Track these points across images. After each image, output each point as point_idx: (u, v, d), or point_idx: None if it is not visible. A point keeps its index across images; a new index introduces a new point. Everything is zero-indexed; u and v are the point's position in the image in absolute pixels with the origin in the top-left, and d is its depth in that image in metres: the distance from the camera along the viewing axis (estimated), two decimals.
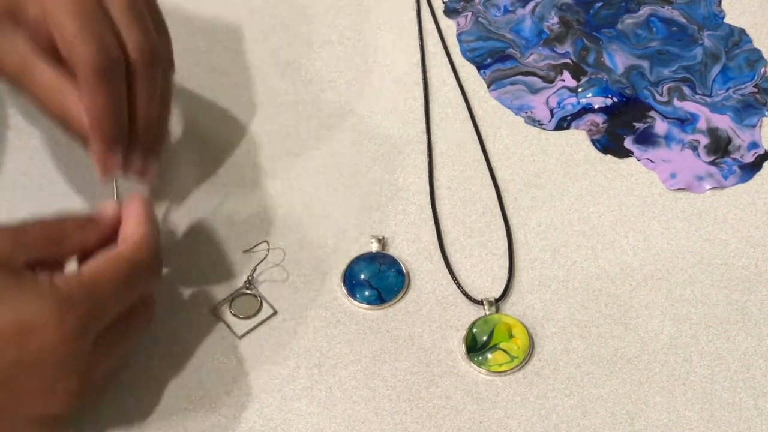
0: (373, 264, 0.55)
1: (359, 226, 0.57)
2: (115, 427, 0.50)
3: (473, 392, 0.51)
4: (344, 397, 0.51)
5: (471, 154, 0.61)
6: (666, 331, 0.53)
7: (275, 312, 0.54)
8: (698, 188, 0.59)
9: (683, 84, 0.63)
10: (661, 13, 0.67)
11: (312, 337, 0.53)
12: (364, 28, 0.67)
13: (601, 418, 0.50)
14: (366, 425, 0.50)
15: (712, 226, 0.57)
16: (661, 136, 0.61)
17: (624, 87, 0.63)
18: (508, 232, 0.57)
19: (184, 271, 0.55)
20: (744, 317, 0.54)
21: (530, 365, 0.52)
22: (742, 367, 0.52)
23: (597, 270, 0.55)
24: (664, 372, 0.52)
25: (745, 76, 0.64)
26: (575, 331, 0.53)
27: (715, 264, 0.56)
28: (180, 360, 0.52)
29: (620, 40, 0.66)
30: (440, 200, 0.58)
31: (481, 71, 0.65)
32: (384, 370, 0.52)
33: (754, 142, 0.61)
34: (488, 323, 0.53)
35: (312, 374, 0.52)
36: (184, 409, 0.50)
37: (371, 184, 0.59)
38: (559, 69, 0.64)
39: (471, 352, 0.52)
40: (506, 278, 0.55)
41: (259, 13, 0.68)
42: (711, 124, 0.62)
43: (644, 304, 0.54)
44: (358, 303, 0.54)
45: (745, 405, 0.51)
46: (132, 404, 0.51)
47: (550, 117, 0.62)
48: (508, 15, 0.67)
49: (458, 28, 0.67)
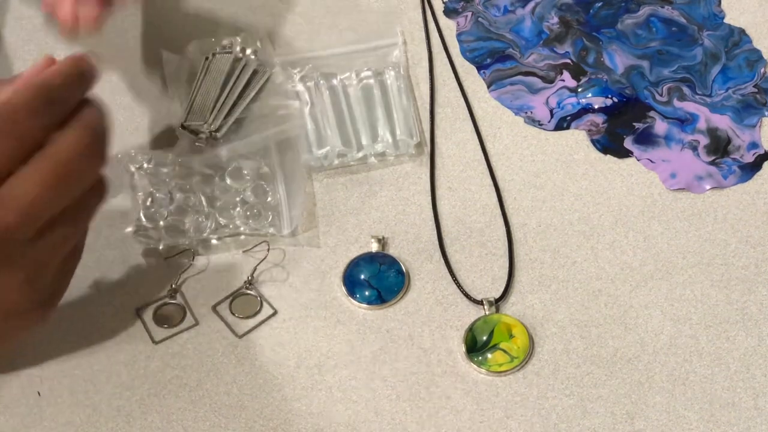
0: (373, 264, 0.55)
1: (359, 226, 0.57)
2: (114, 427, 0.50)
3: (473, 392, 0.51)
4: (344, 397, 0.51)
5: (471, 154, 0.61)
6: (666, 331, 0.53)
7: (275, 312, 0.54)
8: (698, 188, 0.59)
9: (683, 84, 0.63)
10: (661, 13, 0.67)
11: (312, 337, 0.53)
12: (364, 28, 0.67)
13: (601, 418, 0.50)
14: (366, 425, 0.50)
15: (712, 226, 0.57)
16: (661, 136, 0.61)
17: (624, 87, 0.63)
18: (508, 232, 0.57)
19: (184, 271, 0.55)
20: (744, 317, 0.54)
21: (530, 365, 0.52)
22: (742, 367, 0.52)
23: (597, 270, 0.55)
24: (664, 372, 0.52)
25: (745, 76, 0.64)
26: (575, 331, 0.53)
27: (715, 264, 0.56)
28: (179, 360, 0.52)
29: (620, 40, 0.66)
30: (440, 200, 0.58)
31: (481, 71, 0.65)
32: (384, 370, 0.52)
33: (753, 142, 0.61)
34: (488, 323, 0.53)
35: (312, 374, 0.52)
36: (184, 409, 0.50)
37: (371, 183, 0.59)
38: (559, 69, 0.64)
39: (471, 352, 0.52)
40: (506, 278, 0.55)
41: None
42: (711, 124, 0.62)
43: (644, 304, 0.54)
44: (358, 303, 0.54)
45: (745, 405, 0.51)
46: (132, 404, 0.51)
47: (549, 117, 0.62)
48: (508, 15, 0.67)
49: (458, 28, 0.67)
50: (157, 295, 0.54)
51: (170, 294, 0.54)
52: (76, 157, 0.43)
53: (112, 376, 0.51)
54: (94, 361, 0.52)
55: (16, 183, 0.42)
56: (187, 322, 0.53)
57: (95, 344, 0.52)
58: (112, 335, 0.53)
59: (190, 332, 0.53)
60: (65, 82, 0.44)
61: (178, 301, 0.54)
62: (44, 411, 0.50)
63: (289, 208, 0.57)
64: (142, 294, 0.54)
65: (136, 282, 0.55)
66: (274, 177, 0.58)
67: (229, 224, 0.56)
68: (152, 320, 0.53)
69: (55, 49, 0.63)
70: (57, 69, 0.44)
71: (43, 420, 0.50)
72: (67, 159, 0.43)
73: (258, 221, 0.56)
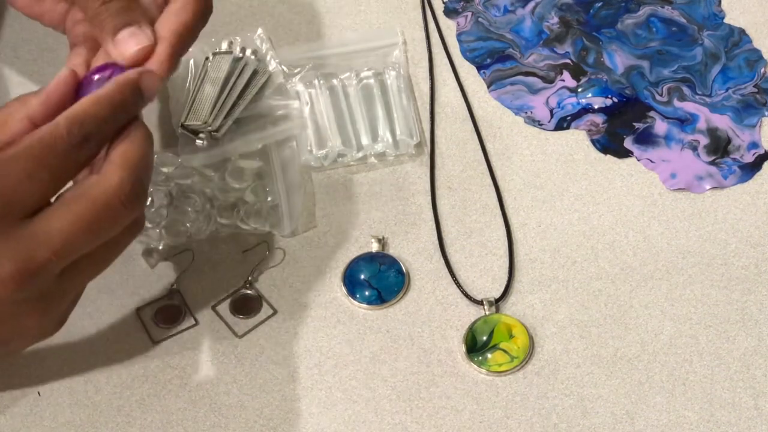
0: (373, 264, 0.55)
1: (359, 226, 0.57)
2: (114, 427, 0.50)
3: (473, 392, 0.51)
4: (344, 397, 0.51)
5: (471, 154, 0.61)
6: (666, 331, 0.53)
7: (275, 312, 0.54)
8: (698, 188, 0.59)
9: (683, 84, 0.63)
10: (660, 13, 0.67)
11: (312, 337, 0.53)
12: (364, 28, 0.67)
13: (601, 418, 0.50)
14: (366, 425, 0.50)
15: (712, 226, 0.57)
16: (661, 136, 0.61)
17: (624, 87, 0.63)
18: (508, 232, 0.57)
19: (184, 271, 0.55)
20: (744, 317, 0.54)
21: (530, 365, 0.52)
22: (742, 367, 0.52)
23: (597, 270, 0.55)
24: (664, 372, 0.52)
25: (745, 76, 0.64)
26: (575, 331, 0.53)
27: (715, 264, 0.56)
28: (179, 360, 0.52)
29: (620, 40, 0.66)
30: (440, 200, 0.58)
31: (481, 71, 0.65)
32: (384, 370, 0.52)
33: (753, 142, 0.61)
34: (488, 323, 0.53)
35: (312, 374, 0.52)
36: (184, 409, 0.50)
37: (371, 183, 0.59)
38: (559, 69, 0.64)
39: (471, 352, 0.52)
40: (506, 278, 0.55)
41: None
42: (711, 124, 0.62)
43: (644, 304, 0.54)
44: (358, 303, 0.54)
45: (745, 405, 0.51)
46: (132, 404, 0.51)
47: (549, 117, 0.62)
48: (508, 15, 0.67)
49: (458, 28, 0.67)
50: (157, 295, 0.54)
51: (171, 294, 0.54)
52: (116, 202, 0.41)
53: (112, 376, 0.51)
54: (94, 361, 0.52)
55: (51, 219, 0.40)
56: (187, 322, 0.53)
57: (95, 344, 0.52)
58: (112, 335, 0.53)
59: (190, 332, 0.53)
60: (109, 114, 0.42)
61: (178, 301, 0.54)
62: (44, 411, 0.50)
63: (289, 208, 0.57)
64: (142, 294, 0.54)
65: (136, 282, 0.55)
66: (274, 177, 0.58)
67: (229, 224, 0.56)
68: (152, 320, 0.53)
69: (55, 49, 0.63)
70: (103, 97, 0.42)
71: (43, 420, 0.50)
72: (106, 203, 0.41)
73: (258, 221, 0.56)
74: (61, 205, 0.41)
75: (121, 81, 0.43)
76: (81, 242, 0.41)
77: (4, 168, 0.40)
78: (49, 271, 0.41)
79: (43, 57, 0.64)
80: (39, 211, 0.41)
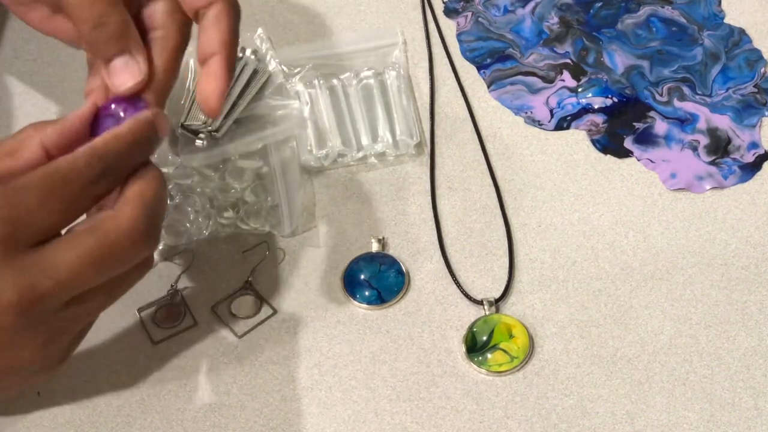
0: (373, 264, 0.55)
1: (359, 226, 0.57)
2: (114, 427, 0.50)
3: (473, 392, 0.51)
4: (344, 397, 0.51)
5: (471, 154, 0.61)
6: (666, 331, 0.53)
7: (275, 312, 0.54)
8: (698, 188, 0.59)
9: (683, 84, 0.63)
10: (661, 13, 0.67)
11: (312, 337, 0.53)
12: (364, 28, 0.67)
13: (601, 418, 0.50)
14: (366, 425, 0.50)
15: (712, 226, 0.57)
16: (661, 136, 0.61)
17: (624, 87, 0.63)
18: (508, 232, 0.57)
19: (184, 271, 0.55)
20: (744, 317, 0.54)
21: (530, 365, 0.52)
22: (742, 367, 0.52)
23: (597, 270, 0.55)
24: (664, 372, 0.52)
25: (745, 76, 0.64)
26: (575, 331, 0.53)
27: (715, 264, 0.56)
28: (179, 360, 0.52)
29: (620, 40, 0.66)
30: (440, 200, 0.58)
31: (481, 71, 0.65)
32: (384, 370, 0.52)
33: (753, 142, 0.61)
34: (488, 323, 0.53)
35: (312, 374, 0.52)
36: (184, 409, 0.50)
37: (371, 183, 0.59)
38: (559, 69, 0.64)
39: (471, 352, 0.52)
40: (506, 278, 0.55)
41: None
42: (711, 124, 0.62)
43: (644, 304, 0.54)
44: (358, 303, 0.54)
45: (745, 405, 0.51)
46: (132, 404, 0.51)
47: (550, 117, 0.62)
48: (508, 15, 0.67)
49: (458, 28, 0.67)
50: (157, 295, 0.54)
51: (170, 294, 0.54)
52: (126, 241, 0.41)
53: (112, 376, 0.51)
54: (94, 361, 0.52)
55: (59, 250, 0.40)
56: (187, 322, 0.53)
57: (95, 344, 0.52)
58: (112, 335, 0.53)
59: (189, 332, 0.53)
60: (128, 151, 0.42)
61: (179, 301, 0.54)
62: (44, 411, 0.50)
63: (289, 208, 0.57)
64: (142, 294, 0.54)
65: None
66: (273, 177, 0.58)
67: (229, 224, 0.56)
68: (152, 320, 0.53)
69: (55, 49, 0.63)
70: (122, 134, 0.42)
71: (43, 420, 0.50)
72: (116, 241, 0.41)
73: (258, 221, 0.56)
74: (71, 237, 0.41)
75: (141, 119, 0.43)
76: (87, 276, 0.41)
77: (16, 195, 0.39)
78: (51, 302, 0.40)
79: (43, 57, 0.64)
80: (48, 241, 0.40)
